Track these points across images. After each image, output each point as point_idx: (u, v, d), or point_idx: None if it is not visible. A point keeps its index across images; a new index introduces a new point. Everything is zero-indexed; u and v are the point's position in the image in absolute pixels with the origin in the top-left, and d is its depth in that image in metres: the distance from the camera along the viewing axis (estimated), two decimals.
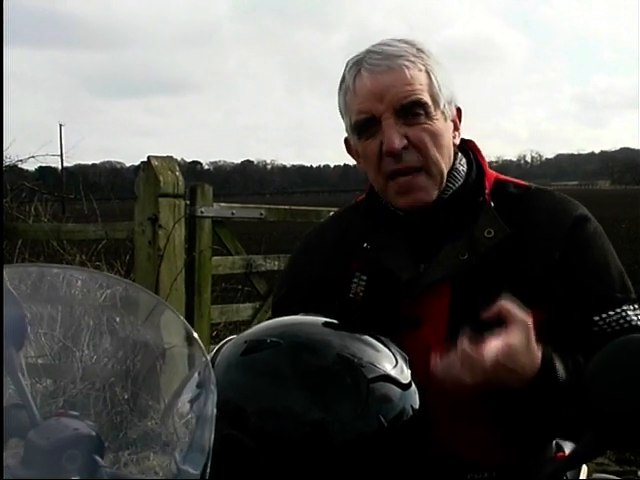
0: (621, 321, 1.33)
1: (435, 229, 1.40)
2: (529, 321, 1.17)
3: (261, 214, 4.72)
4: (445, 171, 1.39)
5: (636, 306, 1.36)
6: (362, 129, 1.38)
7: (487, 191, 1.41)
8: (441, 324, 1.32)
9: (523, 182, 1.49)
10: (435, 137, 1.36)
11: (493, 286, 1.32)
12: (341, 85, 1.42)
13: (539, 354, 1.20)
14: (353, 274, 1.42)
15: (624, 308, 1.34)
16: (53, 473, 0.80)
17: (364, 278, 1.41)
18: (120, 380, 1.17)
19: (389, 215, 1.44)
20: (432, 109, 1.36)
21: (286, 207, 5.13)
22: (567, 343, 1.31)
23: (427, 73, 1.37)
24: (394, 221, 1.43)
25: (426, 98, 1.35)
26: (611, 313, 1.33)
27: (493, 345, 1.13)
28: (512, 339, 1.15)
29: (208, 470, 0.78)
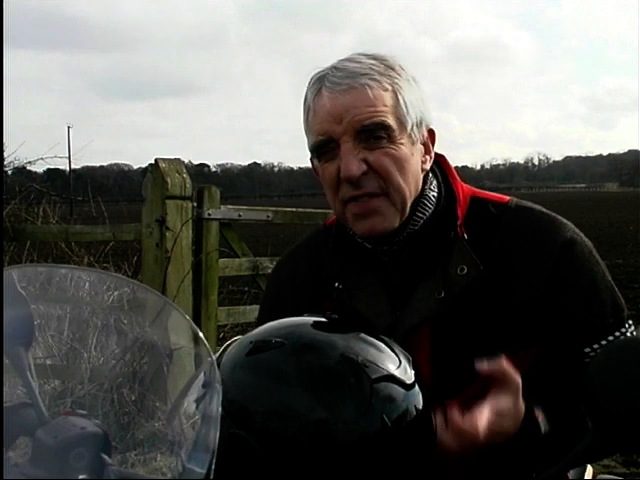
0: None
1: (407, 265, 1.32)
2: (520, 382, 1.13)
3: (268, 216, 4.73)
4: (409, 200, 1.30)
5: (629, 323, 1.32)
6: (321, 152, 1.30)
7: (459, 222, 1.32)
8: (423, 369, 1.22)
9: (502, 197, 1.39)
10: (399, 162, 1.27)
11: (474, 325, 1.26)
12: (304, 103, 1.33)
13: (523, 411, 1.15)
14: (324, 313, 1.34)
15: (616, 334, 1.29)
16: (60, 471, 0.81)
17: (335, 317, 1.32)
18: (127, 381, 1.18)
19: (358, 249, 1.36)
20: (397, 132, 1.27)
21: (293, 209, 5.14)
22: (559, 377, 1.27)
23: (394, 92, 1.27)
24: (364, 256, 1.35)
25: (390, 120, 1.26)
26: (604, 343, 1.28)
27: (484, 415, 1.09)
28: (502, 403, 1.12)
29: (213, 469, 0.78)
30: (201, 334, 0.86)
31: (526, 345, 1.26)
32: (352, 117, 1.24)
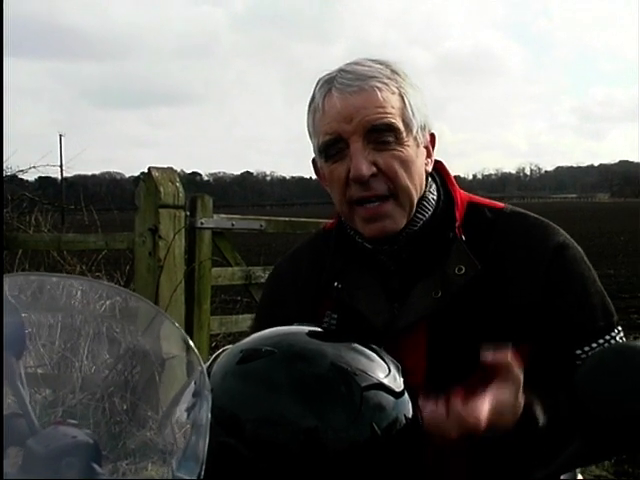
0: None
1: (406, 264, 1.35)
2: (521, 376, 1.13)
3: (261, 225, 4.74)
4: (415, 200, 1.33)
5: (619, 329, 1.35)
6: (329, 151, 1.32)
7: (457, 224, 1.35)
8: (419, 367, 1.27)
9: (497, 203, 1.43)
10: (405, 164, 1.30)
11: (470, 325, 1.28)
12: (311, 104, 1.36)
13: (522, 405, 1.16)
14: (324, 313, 1.37)
15: (607, 338, 1.32)
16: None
17: (335, 317, 1.37)
18: (119, 390, 1.18)
19: (358, 249, 1.39)
20: (404, 134, 1.30)
21: (286, 219, 5.15)
22: (552, 378, 1.28)
23: (401, 96, 1.31)
24: (363, 256, 1.38)
25: (398, 123, 1.29)
26: (594, 345, 1.31)
27: (485, 404, 1.09)
28: (503, 395, 1.12)
29: (202, 477, 0.79)
30: (191, 342, 0.86)
31: (519, 345, 1.26)
32: (362, 117, 1.27)
